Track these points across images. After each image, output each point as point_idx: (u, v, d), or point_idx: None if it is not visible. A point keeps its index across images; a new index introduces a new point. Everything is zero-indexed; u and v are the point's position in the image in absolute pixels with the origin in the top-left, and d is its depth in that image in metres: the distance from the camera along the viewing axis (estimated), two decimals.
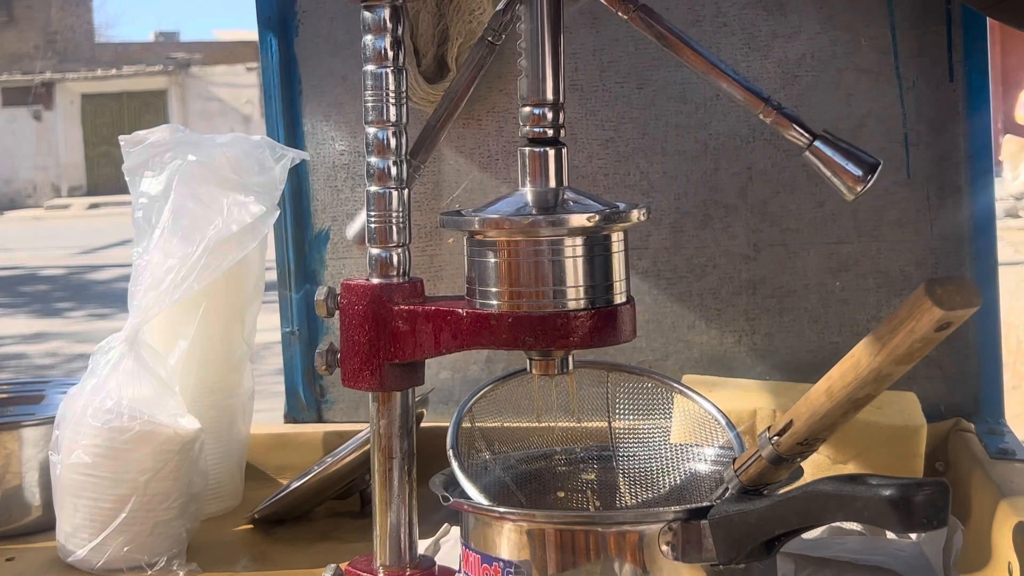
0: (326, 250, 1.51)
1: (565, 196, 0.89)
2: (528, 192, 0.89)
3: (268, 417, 1.60)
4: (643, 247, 1.42)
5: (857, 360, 0.77)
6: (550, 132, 0.89)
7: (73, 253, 13.78)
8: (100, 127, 24.28)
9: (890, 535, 1.11)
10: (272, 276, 1.48)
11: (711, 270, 1.42)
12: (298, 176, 1.50)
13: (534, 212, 0.87)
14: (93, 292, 10.35)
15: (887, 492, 0.74)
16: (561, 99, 0.90)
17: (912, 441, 1.20)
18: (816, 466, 1.17)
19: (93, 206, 21.57)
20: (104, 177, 23.38)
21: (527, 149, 0.89)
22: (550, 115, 0.89)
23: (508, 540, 0.90)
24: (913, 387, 1.30)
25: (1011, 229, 7.85)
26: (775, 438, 0.84)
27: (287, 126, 1.50)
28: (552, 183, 0.89)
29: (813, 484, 0.80)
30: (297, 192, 1.51)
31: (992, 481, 1.12)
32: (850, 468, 1.18)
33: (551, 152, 0.89)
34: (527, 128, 0.89)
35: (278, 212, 1.30)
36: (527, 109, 0.89)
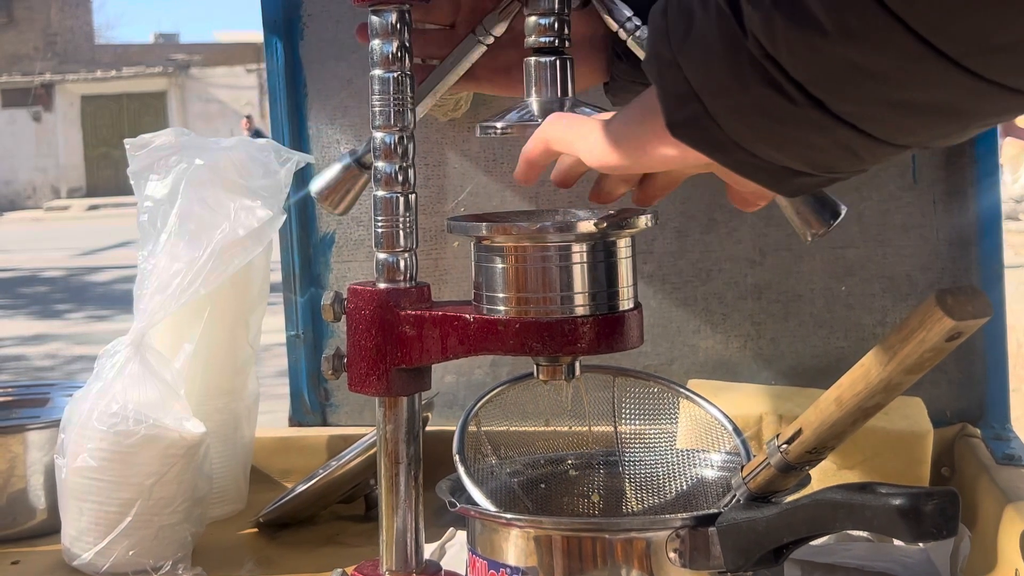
0: (331, 253, 1.51)
1: (571, 107, 0.88)
2: (534, 102, 0.88)
3: (271, 419, 1.60)
4: (648, 251, 1.41)
5: (867, 369, 0.77)
6: (556, 42, 0.88)
7: (72, 255, 13.78)
8: (100, 128, 24.30)
9: (897, 541, 1.11)
10: (276, 279, 1.48)
11: (716, 274, 1.42)
12: (303, 180, 1.50)
13: (539, 121, 0.85)
14: (92, 294, 10.35)
15: (896, 501, 0.74)
16: (567, 11, 0.89)
17: (918, 447, 1.20)
18: (822, 471, 1.17)
19: (92, 207, 21.58)
20: (103, 178, 23.41)
21: (532, 59, 0.89)
22: (556, 25, 0.88)
23: (515, 546, 0.90)
24: (919, 392, 1.29)
25: (1011, 232, 7.86)
26: (784, 446, 0.84)
27: (292, 129, 1.49)
28: (558, 93, 0.88)
29: (822, 492, 0.79)
30: (302, 196, 1.51)
31: (998, 487, 1.12)
32: (856, 473, 1.18)
33: (557, 62, 0.88)
34: (533, 38, 0.89)
35: (284, 216, 1.30)
36: (532, 19, 0.89)
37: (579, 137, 0.74)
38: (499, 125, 0.88)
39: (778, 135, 0.57)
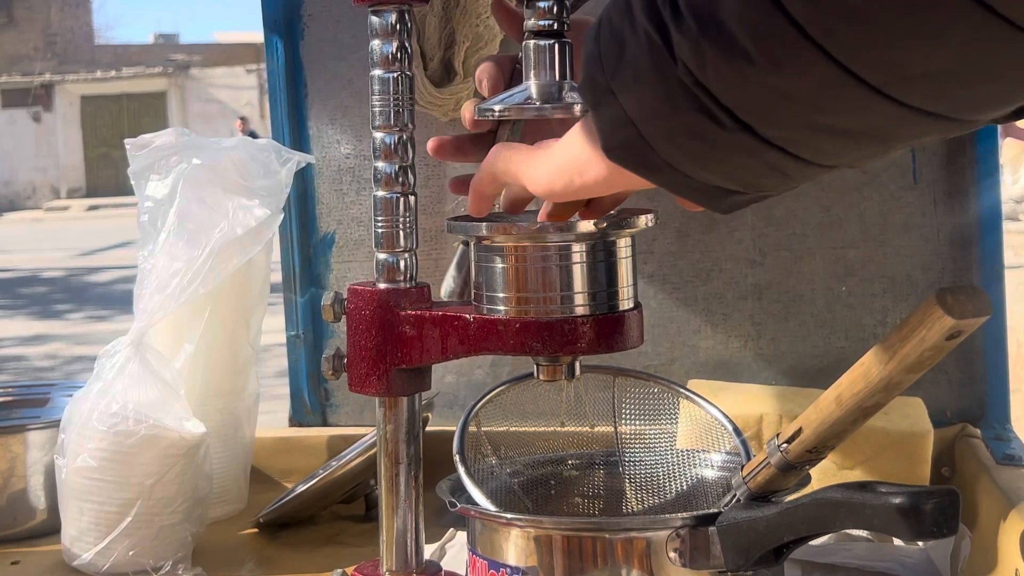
0: (331, 254, 1.51)
1: (569, 91, 0.87)
2: (532, 85, 0.88)
3: (270, 419, 1.60)
4: (649, 251, 1.41)
5: (867, 368, 0.77)
6: (555, 25, 0.88)
7: (72, 255, 13.78)
8: (99, 129, 24.29)
9: (897, 541, 1.11)
10: (277, 279, 1.48)
11: (717, 275, 1.42)
12: (303, 180, 1.50)
13: (538, 105, 0.86)
14: (92, 294, 10.35)
15: (897, 500, 0.74)
16: None
17: (919, 447, 1.20)
18: (822, 471, 1.17)
19: (92, 208, 21.58)
20: (103, 179, 23.41)
21: (532, 42, 0.89)
22: (555, 8, 0.88)
23: (515, 546, 0.90)
24: (919, 392, 1.29)
25: (1011, 232, 7.86)
26: (784, 445, 0.84)
27: (292, 129, 1.49)
28: (556, 77, 0.88)
29: (822, 492, 0.79)
30: (302, 196, 1.51)
31: (999, 487, 1.12)
32: (856, 473, 1.18)
33: (556, 46, 0.88)
34: (532, 21, 0.89)
35: (282, 216, 1.30)
36: (532, 2, 0.89)
37: (523, 167, 0.76)
38: (497, 108, 0.88)
39: (710, 158, 0.59)
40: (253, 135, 10.15)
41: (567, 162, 0.71)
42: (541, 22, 0.88)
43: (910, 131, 0.54)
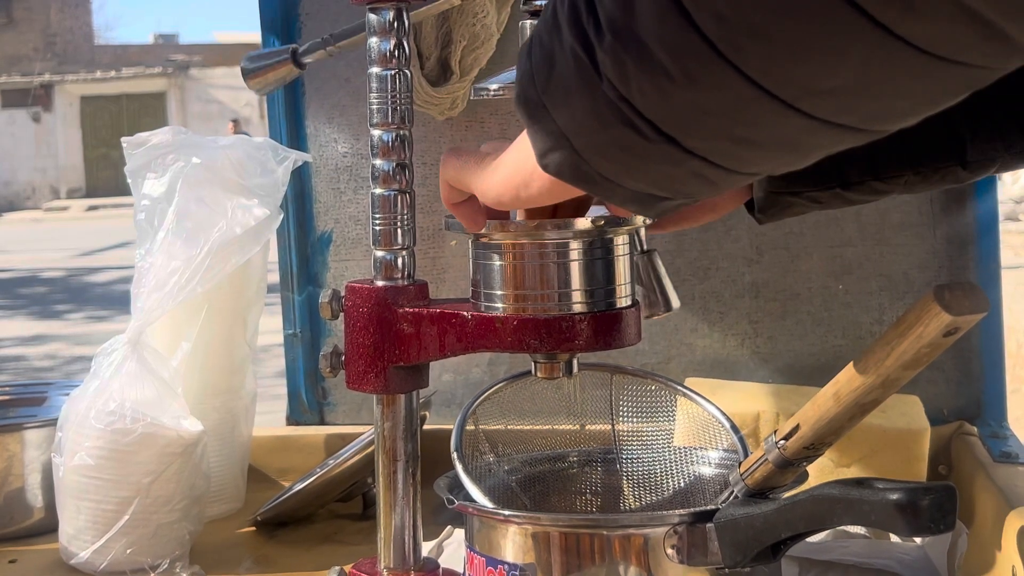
0: (328, 252, 1.51)
1: None
2: None
3: (269, 420, 1.60)
4: None
5: (865, 365, 0.77)
6: None
7: (72, 255, 13.78)
8: (99, 129, 24.29)
9: (894, 538, 1.11)
10: (274, 278, 1.48)
11: (714, 273, 1.42)
12: (301, 178, 1.50)
13: None
14: (92, 294, 10.35)
15: (894, 496, 0.74)
16: None
17: (916, 444, 1.20)
18: (819, 469, 1.17)
19: (92, 208, 21.58)
20: (103, 179, 23.41)
21: (527, 22, 0.88)
22: None
23: (513, 543, 0.90)
24: (916, 390, 1.30)
25: (1011, 232, 7.87)
26: (781, 442, 0.84)
27: (290, 128, 1.49)
28: None
29: (820, 488, 0.79)
30: (300, 194, 1.51)
31: (995, 485, 1.12)
32: (853, 471, 1.18)
33: None
34: (528, 2, 0.88)
35: (281, 216, 1.30)
36: None
37: (474, 178, 0.79)
38: (492, 87, 0.88)
39: (638, 169, 0.61)
40: None
41: (512, 174, 0.74)
42: (537, 1, 0.88)
43: (824, 141, 0.56)
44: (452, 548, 1.16)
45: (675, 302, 0.98)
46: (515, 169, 0.73)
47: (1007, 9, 0.46)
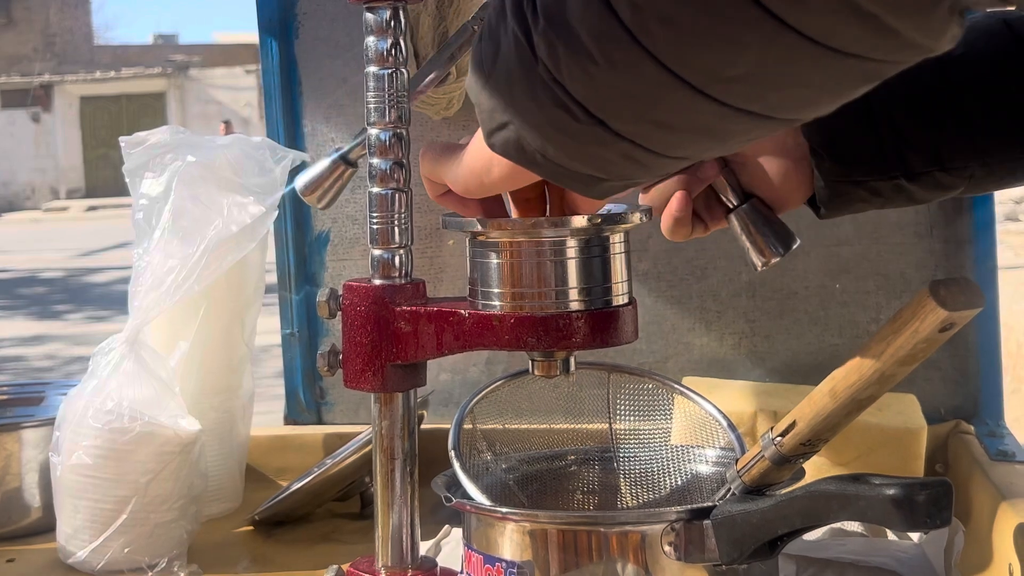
0: (326, 252, 1.51)
1: None
2: None
3: (268, 420, 1.60)
4: (643, 249, 1.42)
5: (861, 361, 0.78)
6: None
7: (71, 255, 13.78)
8: (98, 129, 24.29)
9: (892, 536, 1.11)
10: (272, 278, 1.48)
11: (711, 272, 1.42)
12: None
13: None
14: (91, 294, 10.35)
15: (890, 491, 0.74)
16: None
17: (912, 443, 1.20)
18: (816, 468, 1.17)
19: (91, 208, 21.58)
20: (102, 179, 23.41)
21: None
22: None
23: (511, 540, 0.90)
24: (913, 389, 1.30)
25: (1010, 232, 7.87)
26: (778, 439, 0.84)
27: (287, 128, 1.50)
28: None
29: (816, 484, 0.80)
30: (297, 194, 1.51)
31: (992, 483, 1.12)
32: (850, 470, 1.18)
33: None
34: None
35: (277, 212, 1.30)
36: None
37: (445, 169, 0.81)
38: None
39: (573, 149, 0.64)
40: None
41: (475, 161, 0.76)
42: None
43: (737, 127, 0.58)
44: (450, 547, 1.16)
45: (793, 241, 0.92)
46: (477, 156, 0.75)
47: (893, 5, 0.49)
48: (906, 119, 0.85)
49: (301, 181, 1.02)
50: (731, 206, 0.92)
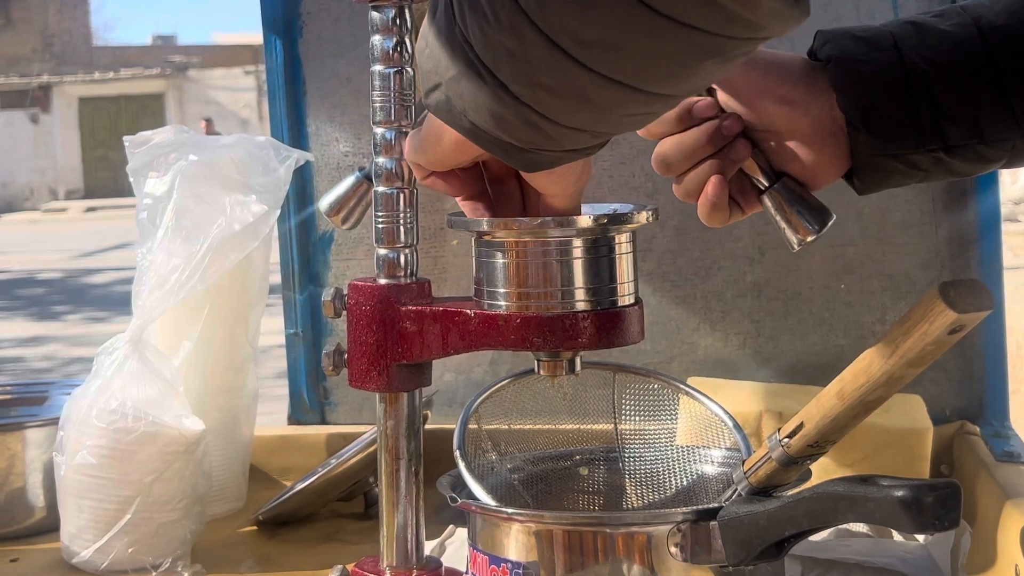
0: (330, 252, 1.51)
1: None
2: None
3: (271, 420, 1.60)
4: (648, 249, 1.41)
5: (869, 363, 0.77)
6: None
7: (70, 256, 13.78)
8: (97, 130, 24.30)
9: (897, 537, 1.11)
10: (275, 279, 1.48)
11: (716, 272, 1.42)
12: (302, 178, 1.50)
13: None
14: (90, 295, 10.35)
15: (899, 493, 0.74)
16: None
17: (918, 444, 1.20)
18: (822, 468, 1.16)
19: (90, 209, 21.57)
20: (101, 180, 23.41)
21: None
22: None
23: (516, 541, 0.90)
24: (918, 390, 1.30)
25: (1010, 233, 7.87)
26: (785, 440, 0.84)
27: (291, 127, 1.49)
28: None
29: (823, 485, 0.79)
30: (301, 193, 1.51)
31: (998, 484, 1.12)
32: (856, 471, 1.18)
33: None
34: None
35: (279, 210, 1.30)
36: None
37: (410, 147, 0.81)
38: None
39: (486, 112, 0.65)
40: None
41: (429, 132, 0.77)
42: None
43: (613, 99, 0.61)
44: (454, 547, 1.16)
45: (829, 217, 0.90)
46: (431, 124, 0.76)
47: None
48: (944, 91, 0.84)
49: (325, 202, 1.02)
50: (763, 187, 0.90)
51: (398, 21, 0.92)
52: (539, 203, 0.83)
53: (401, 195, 0.93)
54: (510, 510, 0.93)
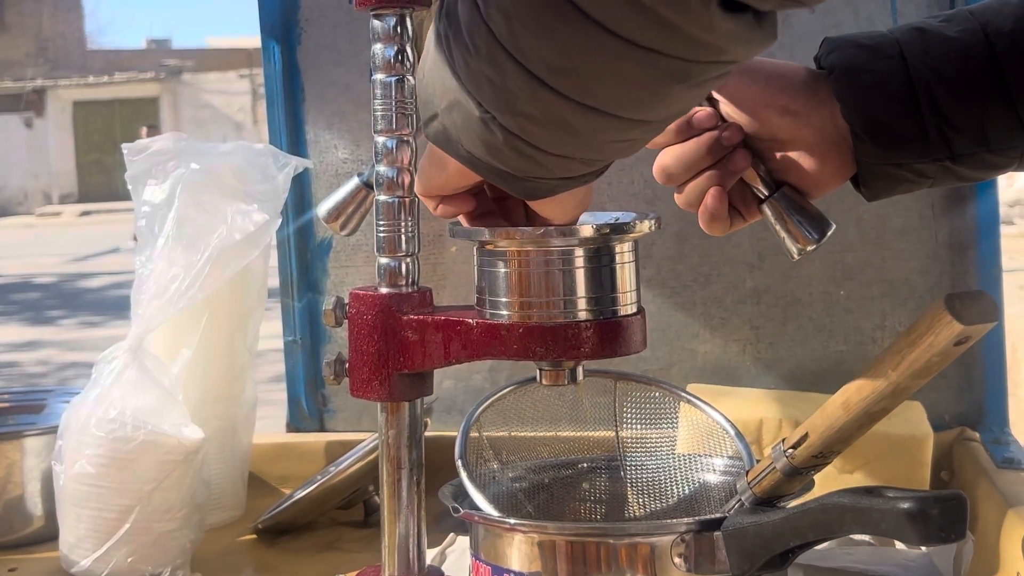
0: (329, 259, 1.51)
1: None
2: None
3: (266, 425, 1.59)
4: (648, 256, 1.41)
5: (875, 373, 0.77)
6: None
7: (64, 261, 13.75)
8: (91, 134, 24.25)
9: (900, 546, 1.11)
10: (273, 284, 1.48)
11: (715, 279, 1.42)
12: (301, 184, 1.50)
13: None
14: (85, 300, 10.33)
15: (904, 505, 0.74)
16: None
17: (918, 450, 1.20)
18: (822, 475, 1.15)
19: (84, 213, 21.52)
20: (95, 184, 23.35)
21: None
22: None
23: (519, 551, 0.90)
24: (918, 396, 1.29)
25: (1005, 236, 7.88)
26: (790, 450, 0.84)
27: (290, 134, 1.49)
28: None
29: (829, 496, 0.79)
30: (300, 201, 1.50)
31: (998, 490, 1.12)
32: (857, 477, 1.18)
33: None
34: None
35: (280, 220, 1.29)
36: None
37: (419, 172, 0.82)
38: None
39: (478, 141, 0.66)
40: None
41: (432, 160, 0.78)
42: None
43: (592, 126, 0.61)
44: (455, 556, 1.15)
45: (828, 226, 0.89)
46: (433, 154, 0.77)
47: None
48: (949, 100, 0.83)
49: (324, 208, 1.01)
50: (762, 196, 0.90)
51: (399, 29, 0.92)
52: (544, 221, 0.83)
53: (402, 204, 0.93)
54: (513, 521, 0.92)
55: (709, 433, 1.04)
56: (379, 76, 0.92)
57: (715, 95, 0.89)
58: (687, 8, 0.53)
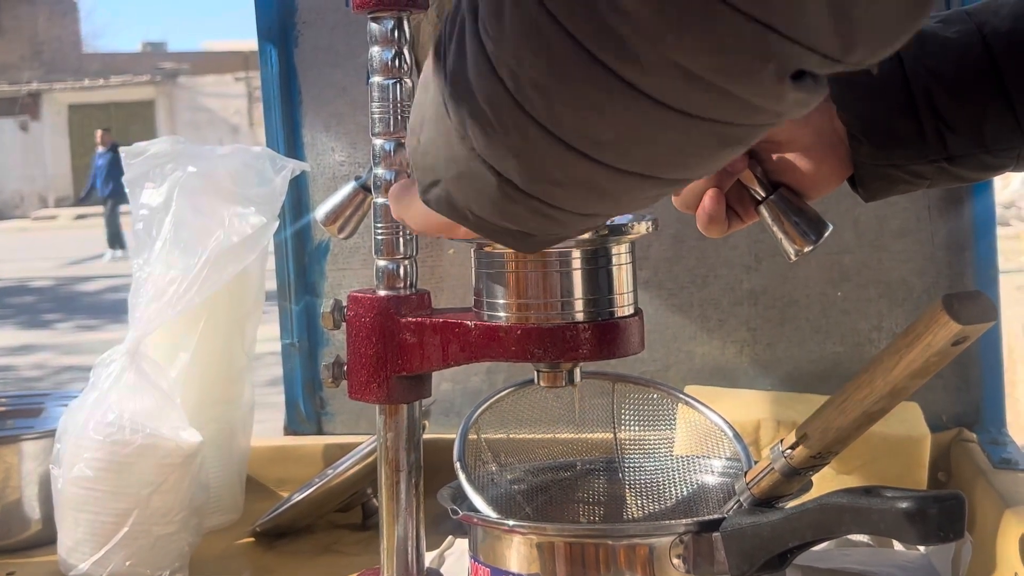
0: (326, 262, 1.51)
1: None
2: None
3: (264, 428, 1.59)
4: (644, 257, 1.41)
5: (873, 374, 0.77)
6: None
7: (60, 264, 13.74)
8: (87, 137, 24.18)
9: (898, 546, 1.11)
10: (270, 287, 1.48)
11: (712, 280, 1.42)
12: (298, 187, 1.50)
13: None
14: (81, 303, 10.32)
15: (903, 505, 0.74)
16: None
17: (916, 451, 1.20)
18: (820, 476, 1.15)
19: (80, 217, 21.50)
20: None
21: None
22: None
23: (518, 553, 0.90)
24: (915, 396, 1.29)
25: (1001, 238, 7.89)
26: (788, 451, 0.84)
27: (287, 137, 1.49)
28: None
29: (827, 497, 0.79)
30: (297, 203, 1.50)
31: (995, 491, 1.12)
32: (854, 478, 1.18)
33: None
34: None
35: (277, 223, 1.29)
36: None
37: (405, 208, 0.81)
38: None
39: (491, 207, 0.65)
40: (115, 147, 9.60)
41: (427, 218, 0.76)
42: None
43: (627, 187, 0.60)
44: (454, 558, 1.15)
45: (825, 228, 0.89)
46: (426, 213, 0.75)
47: (717, 70, 0.50)
48: (946, 101, 0.84)
49: (321, 211, 1.01)
50: (759, 198, 0.90)
51: (396, 32, 0.92)
52: None
53: None
54: (512, 522, 0.92)
55: (707, 434, 1.04)
56: (376, 79, 0.92)
57: None
58: (760, 84, 0.51)
